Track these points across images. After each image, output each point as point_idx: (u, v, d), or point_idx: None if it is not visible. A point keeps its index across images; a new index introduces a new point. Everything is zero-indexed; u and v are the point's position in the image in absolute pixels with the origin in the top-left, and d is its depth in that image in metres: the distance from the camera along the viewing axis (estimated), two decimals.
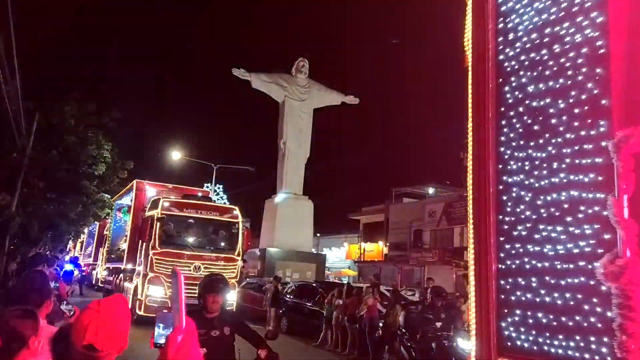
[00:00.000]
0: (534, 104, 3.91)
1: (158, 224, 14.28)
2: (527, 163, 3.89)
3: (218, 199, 37.20)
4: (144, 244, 14.71)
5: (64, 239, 24.23)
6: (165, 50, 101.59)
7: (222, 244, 15.30)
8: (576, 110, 3.56)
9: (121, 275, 17.88)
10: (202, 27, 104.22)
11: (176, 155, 32.24)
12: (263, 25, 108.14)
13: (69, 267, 20.03)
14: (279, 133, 31.17)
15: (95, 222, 24.58)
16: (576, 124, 3.54)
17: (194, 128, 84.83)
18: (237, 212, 15.70)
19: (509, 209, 4.00)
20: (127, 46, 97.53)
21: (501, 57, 4.28)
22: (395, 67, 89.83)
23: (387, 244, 38.94)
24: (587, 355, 3.30)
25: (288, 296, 17.46)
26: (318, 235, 44.24)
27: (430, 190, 40.49)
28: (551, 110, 3.75)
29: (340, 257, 43.98)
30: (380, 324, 12.19)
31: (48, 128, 17.93)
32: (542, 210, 3.72)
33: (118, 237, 20.73)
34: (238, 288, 17.04)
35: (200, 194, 18.08)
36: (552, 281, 3.57)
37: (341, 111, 33.73)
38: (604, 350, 3.19)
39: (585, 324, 3.33)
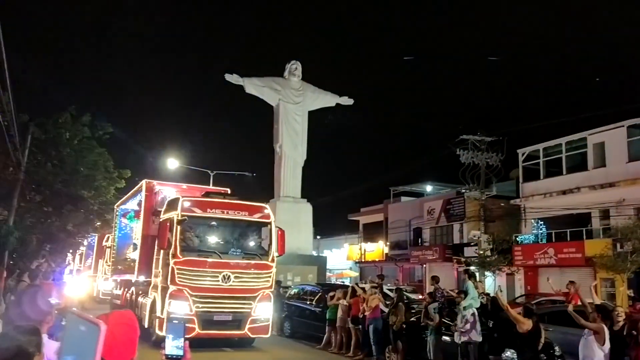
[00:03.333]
0: None
1: (178, 227, 12.23)
2: None
3: None
4: (162, 252, 12.77)
5: (63, 251, 24.14)
6: (158, 56, 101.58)
7: (254, 248, 13.38)
8: None
9: (132, 289, 15.77)
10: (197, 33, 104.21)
11: (173, 164, 32.15)
12: (256, 28, 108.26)
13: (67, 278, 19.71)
14: (275, 137, 31.14)
15: (94, 234, 24.49)
16: None
17: (189, 136, 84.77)
18: (268, 210, 13.54)
19: None
20: (120, 51, 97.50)
21: None
22: (389, 64, 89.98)
23: (388, 244, 38.95)
24: None
25: (290, 300, 17.43)
26: (318, 237, 44.20)
27: (429, 188, 40.54)
28: None
29: (341, 258, 43.96)
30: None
31: (43, 141, 17.89)
32: None
33: (124, 245, 18.64)
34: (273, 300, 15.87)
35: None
36: None
37: (336, 112, 33.72)
38: None
39: None
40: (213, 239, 13.16)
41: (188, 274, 12.07)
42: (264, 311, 12.84)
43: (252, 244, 13.49)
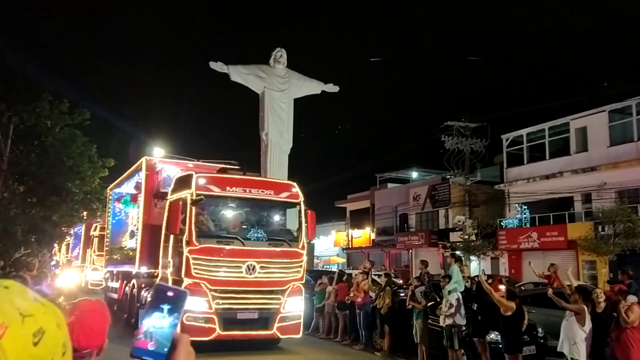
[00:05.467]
0: None
1: (193, 209, 10.38)
2: None
3: None
4: (172, 238, 10.97)
5: (49, 242, 23.97)
6: (139, 44, 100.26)
7: (282, 233, 11.57)
8: None
9: (133, 281, 13.90)
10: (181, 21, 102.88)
11: (158, 152, 31.85)
12: (240, 16, 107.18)
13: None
14: (260, 125, 30.95)
15: (81, 223, 24.31)
16: None
17: (173, 124, 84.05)
18: (296, 189, 11.61)
19: None
20: (99, 39, 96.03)
21: None
22: (373, 51, 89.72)
23: (374, 230, 39.22)
24: None
25: None
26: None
27: (414, 174, 40.80)
28: None
29: (329, 245, 44.21)
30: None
31: (24, 130, 17.69)
32: None
33: (119, 233, 17.06)
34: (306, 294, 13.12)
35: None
36: None
37: (322, 99, 33.65)
38: None
39: None
40: (234, 223, 11.30)
41: (206, 264, 10.25)
42: (294, 307, 11.05)
43: (279, 228, 11.75)
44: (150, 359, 1.16)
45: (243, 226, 11.29)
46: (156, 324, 1.19)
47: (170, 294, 1.23)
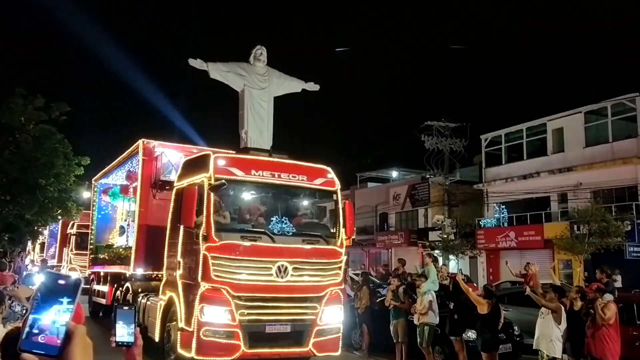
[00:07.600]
0: None
1: (212, 196, 8.43)
2: None
3: None
4: (182, 233, 8.99)
5: (22, 240, 23.52)
6: (116, 41, 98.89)
7: (317, 227, 9.65)
8: None
9: (127, 285, 11.78)
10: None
11: None
12: (221, 12, 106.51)
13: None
14: (240, 123, 30.59)
15: (54, 223, 23.86)
16: None
17: (151, 121, 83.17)
18: (332, 175, 9.74)
19: None
20: (77, 33, 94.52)
21: None
22: (353, 51, 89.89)
23: (354, 229, 39.26)
24: None
25: None
26: None
27: (394, 174, 40.97)
28: None
29: None
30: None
31: None
32: None
33: (105, 229, 15.57)
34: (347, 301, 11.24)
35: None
36: None
37: (302, 98, 33.60)
38: None
39: None
40: (260, 214, 9.20)
41: (228, 265, 8.23)
42: (333, 318, 8.97)
43: (313, 221, 9.90)
44: (42, 352, 1.07)
45: (271, 218, 9.03)
46: (60, 319, 1.11)
47: (62, 282, 1.15)
